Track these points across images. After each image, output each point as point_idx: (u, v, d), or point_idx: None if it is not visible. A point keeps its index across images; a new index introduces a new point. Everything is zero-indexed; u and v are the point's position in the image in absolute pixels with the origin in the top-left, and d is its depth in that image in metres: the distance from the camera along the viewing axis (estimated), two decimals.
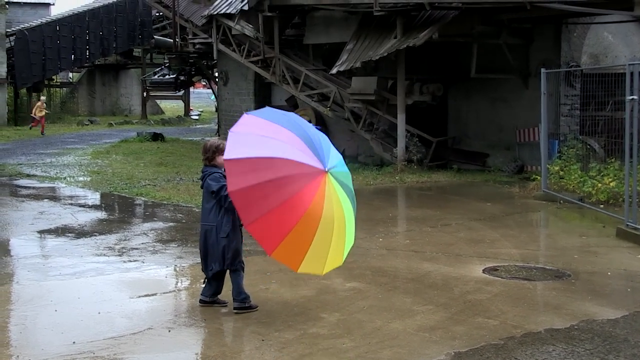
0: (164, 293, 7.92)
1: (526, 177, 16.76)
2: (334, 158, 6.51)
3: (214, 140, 7.44)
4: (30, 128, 33.29)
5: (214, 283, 7.18)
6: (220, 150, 6.97)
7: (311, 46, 22.53)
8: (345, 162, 7.01)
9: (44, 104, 34.52)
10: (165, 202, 14.09)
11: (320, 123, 22.44)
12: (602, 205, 12.87)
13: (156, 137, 28.29)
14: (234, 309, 7.05)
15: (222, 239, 6.96)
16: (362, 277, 8.41)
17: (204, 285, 7.28)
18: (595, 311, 7.04)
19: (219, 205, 6.96)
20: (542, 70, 14.67)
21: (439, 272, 8.60)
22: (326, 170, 6.28)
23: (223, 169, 6.96)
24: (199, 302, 7.26)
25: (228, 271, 7.11)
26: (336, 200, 6.30)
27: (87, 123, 39.76)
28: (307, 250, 6.17)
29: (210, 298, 7.21)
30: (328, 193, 6.22)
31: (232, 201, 6.28)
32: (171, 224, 12.08)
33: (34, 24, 40.47)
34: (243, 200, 6.09)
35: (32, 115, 33.65)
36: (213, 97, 42.47)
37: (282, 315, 6.92)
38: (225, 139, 6.49)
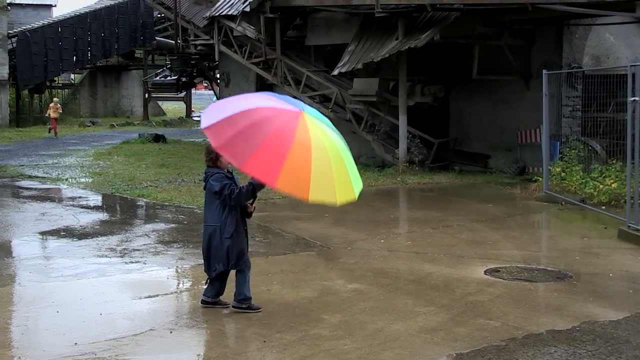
0: (165, 294, 7.91)
1: (528, 179, 16.75)
2: (309, 108, 6.59)
3: None
4: (49, 131, 32.60)
5: (216, 284, 7.18)
6: None
7: (313, 47, 22.54)
8: None
9: (58, 105, 33.96)
10: (166, 204, 14.10)
11: None
12: (603, 207, 12.87)
13: (158, 138, 28.31)
14: (232, 306, 7.09)
15: (226, 240, 6.96)
16: (363, 278, 8.41)
17: (206, 286, 7.28)
18: (597, 312, 7.03)
19: (222, 206, 6.96)
20: (544, 71, 14.67)
21: (441, 274, 8.60)
22: (301, 110, 6.37)
23: (226, 170, 6.98)
24: (201, 302, 7.26)
25: (233, 272, 7.12)
26: (321, 132, 6.35)
27: (88, 124, 39.78)
28: (310, 178, 6.11)
29: (212, 299, 7.22)
30: (310, 126, 6.30)
31: (221, 154, 6.48)
32: (173, 225, 12.08)
33: (36, 25, 40.51)
34: (230, 150, 6.18)
35: (47, 115, 33.30)
36: (215, 98, 42.50)
37: (283, 316, 6.92)
38: None
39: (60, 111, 34.60)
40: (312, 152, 6.15)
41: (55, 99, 35.70)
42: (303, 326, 6.62)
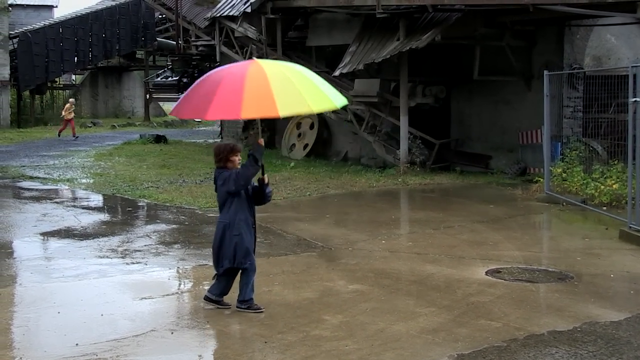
0: (166, 295, 7.92)
1: (529, 179, 16.74)
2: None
3: (227, 142, 7.49)
4: (59, 135, 31.49)
5: (223, 280, 7.17)
6: (235, 150, 7.10)
7: (314, 48, 22.54)
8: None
9: (73, 106, 32.89)
10: (168, 204, 14.10)
11: (323, 125, 22.47)
12: (604, 208, 12.86)
13: (159, 139, 28.32)
14: (236, 306, 7.12)
15: (235, 237, 7.00)
16: (364, 279, 8.41)
17: (213, 282, 7.29)
18: (598, 313, 7.03)
19: (232, 203, 7.02)
20: (545, 72, 14.67)
21: (442, 274, 8.60)
22: (254, 59, 6.77)
23: (235, 170, 7.00)
24: (204, 298, 7.26)
25: (240, 272, 7.15)
26: (276, 64, 6.77)
27: (90, 125, 39.81)
28: (273, 96, 6.27)
29: (216, 297, 7.21)
30: (263, 63, 6.66)
31: (183, 117, 6.86)
32: (174, 226, 12.08)
33: (37, 26, 40.55)
34: (189, 110, 6.64)
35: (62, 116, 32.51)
36: None
37: (285, 317, 6.92)
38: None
39: (73, 111, 32.93)
40: (267, 76, 6.39)
41: (71, 100, 34.20)
42: (304, 327, 6.62)
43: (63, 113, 32.15)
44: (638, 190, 10.61)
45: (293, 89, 6.42)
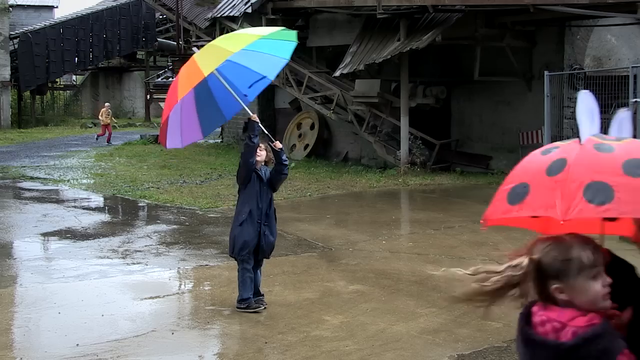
0: (167, 295, 7.92)
1: None
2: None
3: None
4: (97, 139, 29.84)
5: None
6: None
7: (314, 49, 22.54)
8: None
9: (110, 110, 31.10)
10: (168, 205, 14.10)
11: (324, 125, 22.47)
12: None
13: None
14: (235, 306, 7.15)
15: (237, 227, 7.05)
16: (365, 279, 8.41)
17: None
18: None
19: (240, 195, 7.11)
20: (546, 73, 14.67)
21: (442, 275, 8.59)
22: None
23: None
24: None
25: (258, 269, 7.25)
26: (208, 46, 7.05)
27: (90, 125, 39.80)
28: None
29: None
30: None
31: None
32: (174, 226, 12.09)
33: (38, 26, 40.57)
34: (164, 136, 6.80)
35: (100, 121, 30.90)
36: None
37: (285, 317, 6.93)
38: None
39: (111, 116, 31.26)
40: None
41: (107, 104, 32.19)
42: (305, 327, 6.63)
43: (100, 118, 31.02)
44: None
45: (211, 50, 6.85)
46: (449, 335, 6.39)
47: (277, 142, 7.04)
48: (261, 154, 7.04)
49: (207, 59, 6.63)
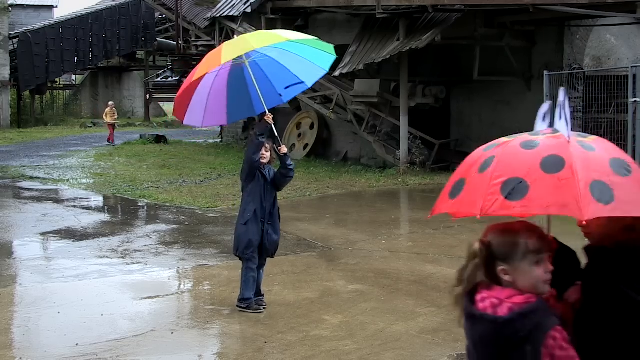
0: (166, 295, 7.92)
1: None
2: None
3: None
4: (109, 141, 28.58)
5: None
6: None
7: None
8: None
9: (114, 109, 30.50)
10: (168, 205, 14.10)
11: (324, 125, 22.47)
12: None
13: (159, 139, 28.31)
14: (236, 305, 7.15)
15: (241, 226, 7.04)
16: (364, 279, 8.41)
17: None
18: None
19: (246, 192, 7.13)
20: (545, 72, 14.67)
21: (442, 274, 8.59)
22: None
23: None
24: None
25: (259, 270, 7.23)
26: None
27: (90, 125, 39.80)
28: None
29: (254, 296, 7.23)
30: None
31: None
32: (174, 226, 12.09)
33: (37, 26, 40.56)
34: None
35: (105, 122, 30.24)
36: None
37: (285, 317, 6.93)
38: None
39: (116, 116, 30.63)
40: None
41: (110, 103, 31.94)
42: (304, 327, 6.63)
43: (105, 119, 30.38)
44: None
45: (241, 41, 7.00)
46: (448, 334, 6.39)
47: (283, 146, 7.07)
48: (266, 155, 7.04)
49: (247, 44, 6.79)
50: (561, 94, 2.70)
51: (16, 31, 39.97)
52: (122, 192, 15.74)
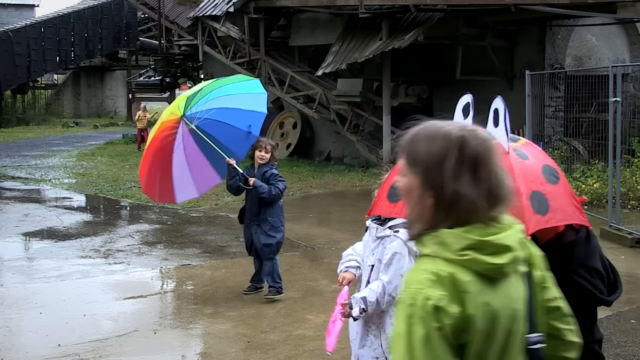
0: (149, 295, 7.91)
1: None
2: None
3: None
4: (139, 149, 25.00)
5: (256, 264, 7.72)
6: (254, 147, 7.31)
7: (297, 48, 22.55)
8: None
9: (147, 112, 27.71)
10: (150, 204, 14.05)
11: (306, 125, 22.48)
12: (586, 207, 12.94)
13: (142, 138, 28.15)
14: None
15: (250, 227, 7.45)
16: None
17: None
18: None
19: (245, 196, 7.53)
20: (527, 72, 14.74)
21: None
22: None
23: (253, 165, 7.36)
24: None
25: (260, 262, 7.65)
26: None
27: (72, 125, 39.60)
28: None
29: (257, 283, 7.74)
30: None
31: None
32: (156, 226, 12.06)
33: (19, 25, 40.21)
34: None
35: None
36: None
37: (268, 316, 6.93)
38: None
39: (147, 118, 27.24)
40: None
41: (142, 104, 28.91)
42: (287, 327, 6.64)
43: (136, 120, 27.41)
44: (618, 190, 10.70)
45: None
46: None
47: (250, 179, 7.13)
48: (266, 157, 7.13)
49: (180, 107, 7.07)
50: (500, 103, 2.73)
51: None
52: (105, 192, 15.68)
